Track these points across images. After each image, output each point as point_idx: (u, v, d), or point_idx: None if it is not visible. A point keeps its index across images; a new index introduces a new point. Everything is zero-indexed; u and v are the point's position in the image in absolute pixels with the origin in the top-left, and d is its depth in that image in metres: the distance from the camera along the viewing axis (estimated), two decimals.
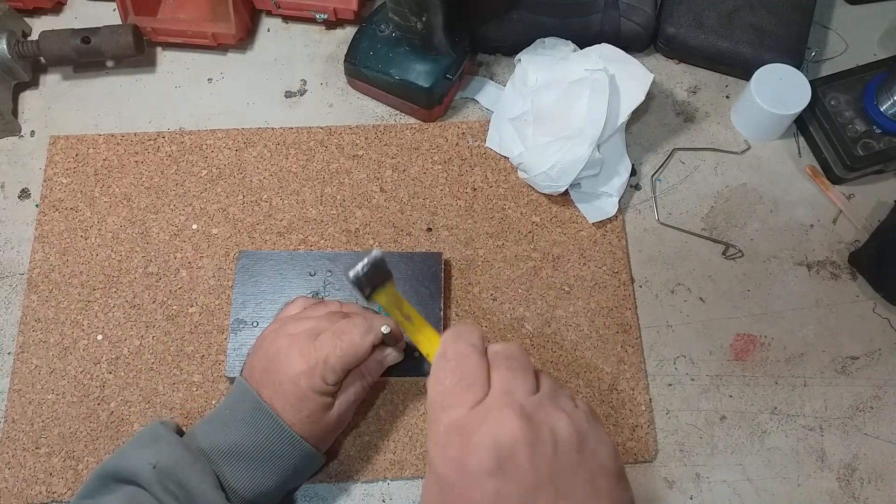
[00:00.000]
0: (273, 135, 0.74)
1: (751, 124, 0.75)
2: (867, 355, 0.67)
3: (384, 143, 0.74)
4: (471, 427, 0.37)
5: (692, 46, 0.76)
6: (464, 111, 0.76)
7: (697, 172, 0.74)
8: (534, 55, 0.74)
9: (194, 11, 0.78)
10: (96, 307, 0.67)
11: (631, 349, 0.67)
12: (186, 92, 0.77)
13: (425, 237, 0.70)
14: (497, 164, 0.73)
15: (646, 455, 0.63)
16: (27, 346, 0.65)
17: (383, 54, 0.71)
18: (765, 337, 0.68)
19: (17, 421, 0.63)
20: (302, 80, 0.77)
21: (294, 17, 0.79)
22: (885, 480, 0.63)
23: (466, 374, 0.40)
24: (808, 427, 0.65)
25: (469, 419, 0.37)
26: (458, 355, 0.41)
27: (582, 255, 0.70)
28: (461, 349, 0.41)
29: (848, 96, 0.72)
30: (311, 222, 0.71)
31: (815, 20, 0.77)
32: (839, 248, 0.71)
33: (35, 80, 0.76)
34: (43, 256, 0.68)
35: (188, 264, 0.69)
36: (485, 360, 0.41)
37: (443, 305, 0.65)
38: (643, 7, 0.74)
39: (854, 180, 0.74)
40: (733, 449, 0.64)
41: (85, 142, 0.73)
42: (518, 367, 0.41)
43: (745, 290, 0.70)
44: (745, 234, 0.72)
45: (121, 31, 0.71)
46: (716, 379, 0.66)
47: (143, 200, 0.71)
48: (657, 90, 0.77)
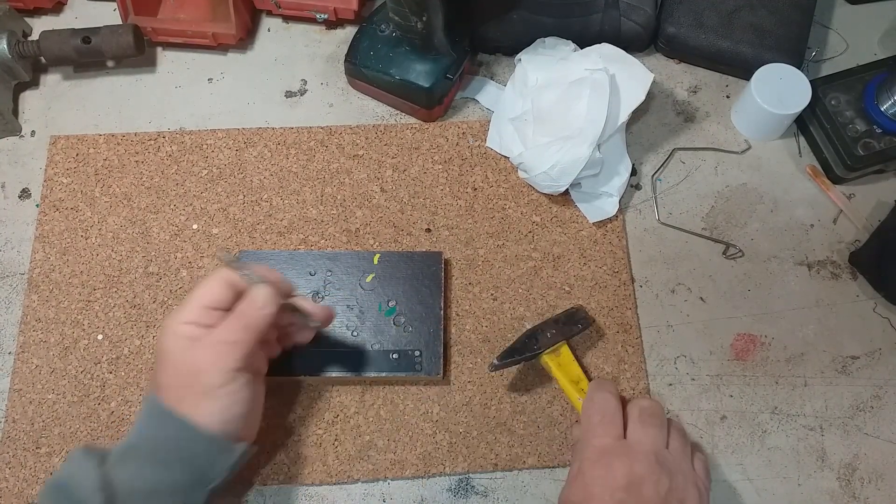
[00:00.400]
0: (273, 135, 0.74)
1: (751, 124, 0.75)
2: (867, 355, 0.67)
3: (384, 143, 0.74)
4: (614, 454, 0.53)
5: (692, 46, 0.76)
6: (464, 111, 0.76)
7: (698, 172, 0.74)
8: (534, 55, 0.74)
9: (194, 11, 0.78)
10: (97, 307, 0.67)
11: (631, 349, 0.67)
12: (187, 92, 0.77)
13: (425, 237, 0.70)
14: (497, 163, 0.73)
15: None
16: (28, 345, 0.65)
17: (383, 54, 0.71)
18: (765, 337, 0.68)
19: (17, 421, 0.63)
20: (302, 80, 0.77)
21: (294, 16, 0.79)
22: (886, 480, 0.63)
23: (608, 414, 0.56)
24: (809, 427, 0.65)
25: (614, 447, 0.54)
26: (601, 399, 0.57)
27: (582, 254, 0.70)
28: (604, 395, 0.57)
29: (848, 96, 0.72)
30: (311, 222, 0.71)
31: (815, 20, 0.77)
32: (839, 248, 0.71)
33: (35, 79, 0.76)
34: (43, 256, 0.69)
35: (188, 264, 0.69)
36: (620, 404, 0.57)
37: (443, 305, 0.65)
38: (643, 7, 0.74)
39: (854, 180, 0.74)
40: (734, 449, 0.64)
41: (85, 142, 0.73)
42: (655, 423, 0.56)
43: (746, 289, 0.69)
44: (746, 233, 0.72)
45: (121, 31, 0.71)
46: (716, 379, 0.66)
47: (144, 200, 0.71)
48: (657, 90, 0.77)
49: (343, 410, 0.64)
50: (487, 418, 0.64)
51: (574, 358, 0.64)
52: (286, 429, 0.63)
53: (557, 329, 0.63)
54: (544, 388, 0.65)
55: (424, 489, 0.62)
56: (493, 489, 0.62)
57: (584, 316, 0.65)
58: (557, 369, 0.63)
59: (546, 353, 0.63)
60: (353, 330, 0.64)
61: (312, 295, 0.65)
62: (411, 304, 0.65)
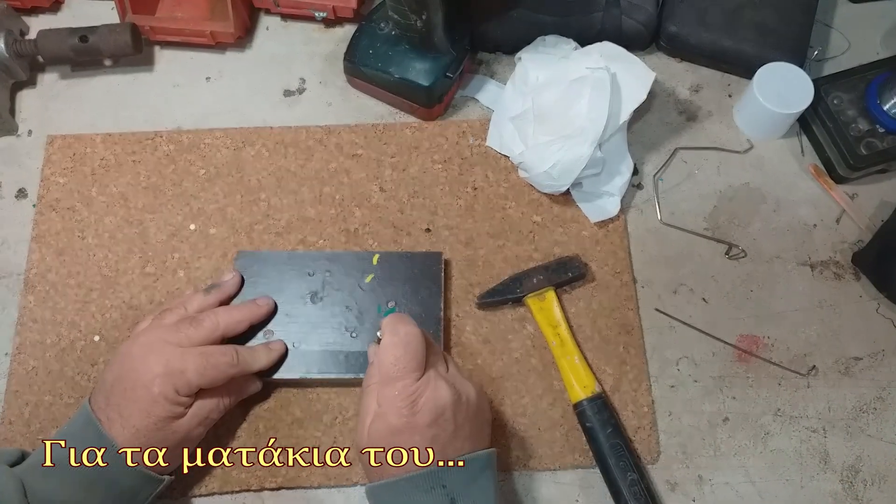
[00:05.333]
0: (272, 134, 0.73)
1: (753, 123, 0.74)
2: (871, 356, 0.67)
3: (384, 143, 0.73)
4: (417, 393, 0.52)
5: (694, 45, 0.75)
6: (464, 110, 0.76)
7: (700, 172, 0.74)
8: (534, 53, 0.73)
9: (192, 10, 0.78)
10: (93, 308, 0.66)
11: (633, 350, 0.66)
12: (184, 91, 0.76)
13: (425, 237, 0.70)
14: (498, 163, 0.73)
15: (648, 457, 0.63)
16: (24, 347, 0.65)
17: (383, 53, 0.71)
18: (768, 338, 0.67)
19: (14, 423, 0.63)
20: (301, 79, 0.77)
21: (293, 15, 0.79)
22: (889, 482, 0.63)
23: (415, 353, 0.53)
24: (812, 429, 0.64)
25: (416, 387, 0.52)
26: (407, 335, 0.53)
27: (583, 255, 0.69)
28: (410, 330, 0.53)
29: (851, 95, 0.71)
30: (309, 222, 0.70)
31: (817, 19, 0.76)
32: (842, 248, 0.71)
33: (32, 79, 0.76)
34: (40, 257, 0.68)
35: (186, 265, 0.68)
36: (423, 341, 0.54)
37: (443, 305, 0.64)
38: (645, 5, 0.74)
39: (857, 180, 0.73)
40: (736, 451, 0.64)
41: (82, 141, 0.73)
42: (438, 351, 0.57)
43: (748, 290, 0.69)
44: (748, 233, 0.71)
45: (119, 30, 0.71)
46: (718, 380, 0.66)
47: (141, 200, 0.70)
48: (659, 89, 0.77)
49: (342, 412, 0.63)
50: None
51: (559, 305, 0.65)
52: (285, 431, 0.63)
53: (545, 276, 0.66)
54: (545, 390, 0.65)
55: None
56: None
57: (577, 265, 0.66)
58: (538, 312, 0.65)
59: (530, 296, 0.65)
60: (352, 331, 0.63)
61: (311, 295, 0.65)
62: (411, 305, 0.64)
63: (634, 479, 0.59)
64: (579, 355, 0.64)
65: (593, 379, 0.63)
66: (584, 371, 0.63)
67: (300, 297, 0.64)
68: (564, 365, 0.64)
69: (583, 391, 0.62)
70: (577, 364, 0.63)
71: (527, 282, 0.65)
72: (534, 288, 0.65)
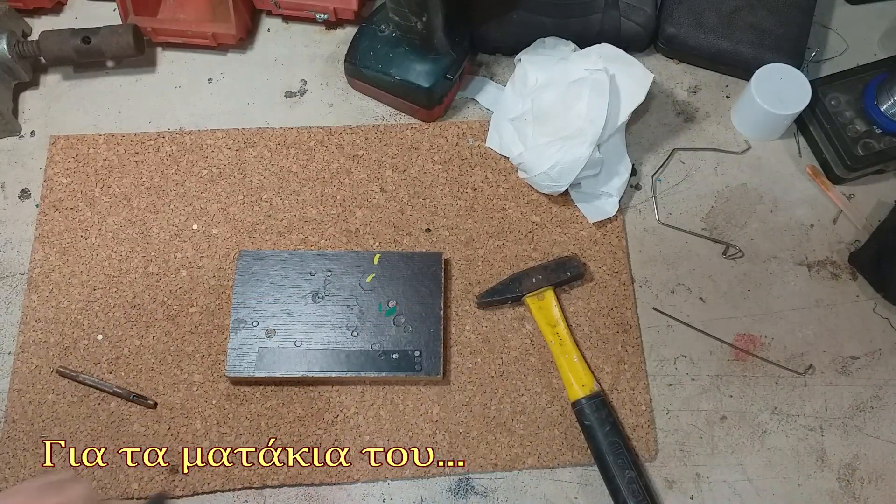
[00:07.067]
0: (273, 135, 0.74)
1: (751, 124, 0.74)
2: (867, 355, 0.67)
3: (384, 143, 0.74)
4: None
5: (692, 46, 0.76)
6: (464, 111, 0.76)
7: (698, 172, 0.74)
8: (534, 55, 0.74)
9: (194, 11, 0.78)
10: (96, 307, 0.67)
11: (631, 349, 0.67)
12: (186, 92, 0.77)
13: (425, 237, 0.70)
14: (497, 164, 0.73)
15: (646, 455, 0.63)
16: (27, 345, 0.65)
17: (383, 54, 0.71)
18: (765, 337, 0.68)
19: (17, 421, 0.63)
20: (302, 80, 0.77)
21: (294, 17, 0.79)
22: (886, 480, 0.63)
23: None
24: (809, 427, 0.65)
25: None
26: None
27: (582, 255, 0.70)
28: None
29: (848, 96, 0.72)
30: (311, 222, 0.71)
31: (815, 20, 0.77)
32: (839, 248, 0.71)
33: (35, 80, 0.76)
34: (43, 256, 0.68)
35: (188, 264, 0.69)
36: None
37: (443, 305, 0.65)
38: (643, 7, 0.74)
39: (854, 180, 0.74)
40: (733, 449, 0.64)
41: (85, 142, 0.73)
42: None
43: (746, 290, 0.69)
44: (746, 234, 0.72)
45: (121, 32, 0.71)
46: (716, 379, 0.66)
47: (144, 200, 0.71)
48: (657, 90, 0.77)
49: (343, 411, 0.64)
50: (487, 418, 0.64)
51: (557, 304, 0.66)
52: (286, 429, 0.63)
53: (544, 275, 0.67)
54: (544, 388, 0.65)
55: (424, 489, 0.62)
56: (492, 489, 0.62)
57: (576, 264, 0.67)
58: (537, 312, 0.66)
59: (529, 296, 0.66)
60: (353, 330, 0.64)
61: (313, 294, 0.65)
62: (411, 305, 0.65)
63: (632, 476, 0.60)
64: (578, 354, 0.64)
65: (592, 377, 0.64)
66: (582, 370, 0.64)
67: (302, 296, 0.65)
68: (563, 363, 0.64)
69: (581, 390, 0.63)
70: (576, 363, 0.64)
71: (526, 281, 0.66)
72: (533, 287, 0.66)
